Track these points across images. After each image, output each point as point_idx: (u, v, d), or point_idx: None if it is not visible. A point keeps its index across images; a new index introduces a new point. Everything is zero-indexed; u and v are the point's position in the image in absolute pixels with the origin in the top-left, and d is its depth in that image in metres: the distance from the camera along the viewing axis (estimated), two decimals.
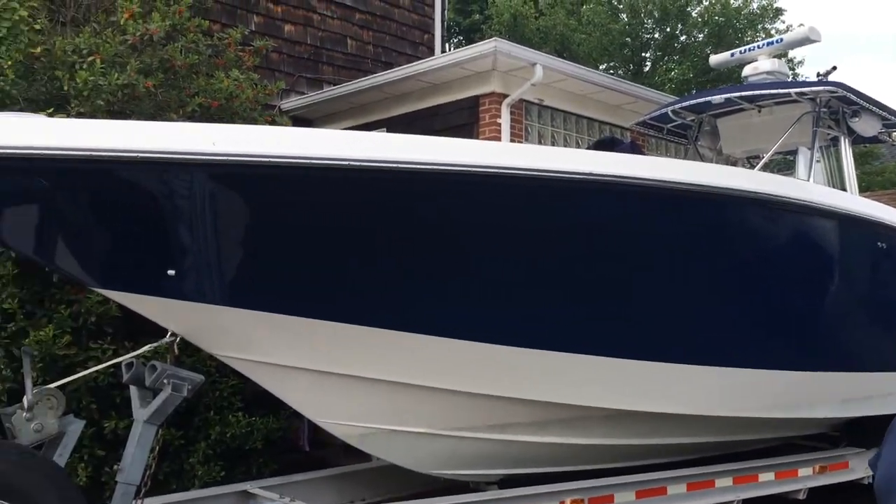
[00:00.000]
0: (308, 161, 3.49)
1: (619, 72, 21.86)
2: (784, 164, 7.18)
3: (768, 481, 5.56)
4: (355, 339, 3.98)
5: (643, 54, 22.70)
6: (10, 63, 5.25)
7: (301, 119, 9.33)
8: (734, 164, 7.32)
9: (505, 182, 3.82)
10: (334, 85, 9.38)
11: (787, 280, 5.05)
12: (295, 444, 6.57)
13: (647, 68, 22.45)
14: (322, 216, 3.70)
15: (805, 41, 7.00)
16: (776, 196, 4.80)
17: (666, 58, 22.41)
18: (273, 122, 6.90)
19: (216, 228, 3.64)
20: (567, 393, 4.49)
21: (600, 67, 20.81)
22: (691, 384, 4.77)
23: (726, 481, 5.31)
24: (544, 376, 4.35)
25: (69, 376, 4.41)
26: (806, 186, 5.49)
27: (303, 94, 9.51)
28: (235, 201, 3.62)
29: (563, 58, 11.37)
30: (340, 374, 4.12)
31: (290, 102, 9.29)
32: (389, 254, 3.85)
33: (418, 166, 3.64)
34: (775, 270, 5.01)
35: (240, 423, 5.66)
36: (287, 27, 9.70)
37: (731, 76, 18.16)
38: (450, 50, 11.34)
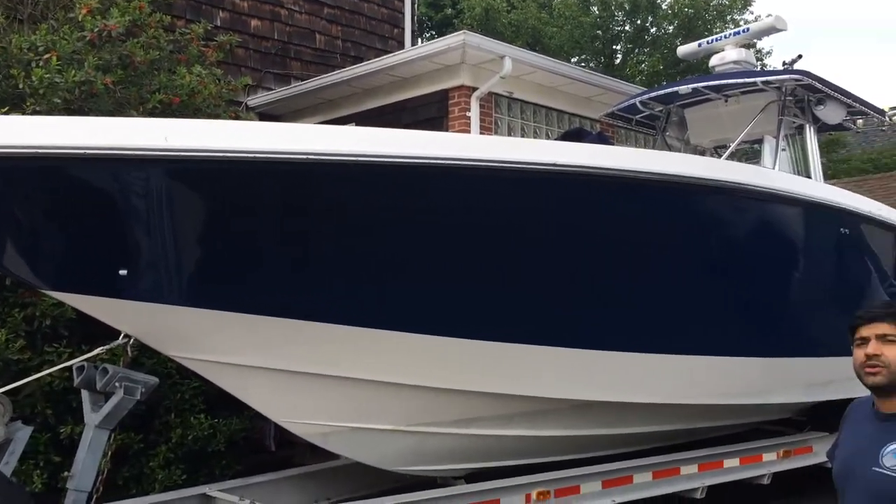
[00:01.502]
0: (255, 155, 3.43)
1: (591, 64, 21.84)
2: (751, 154, 7.20)
3: (733, 467, 5.59)
4: (314, 337, 3.92)
5: (614, 47, 22.70)
6: None
7: (268, 115, 9.21)
8: (702, 153, 7.33)
9: (465, 173, 3.77)
10: (302, 80, 9.28)
11: (751, 267, 5.05)
12: (260, 444, 6.49)
13: (618, 61, 22.45)
14: (274, 210, 3.63)
15: (771, 30, 7.03)
16: (740, 184, 4.80)
17: (637, 50, 22.45)
18: (238, 119, 6.81)
19: (169, 226, 3.56)
20: (531, 385, 4.46)
21: (572, 60, 20.78)
22: (655, 373, 4.76)
23: (692, 468, 5.33)
24: (507, 369, 4.31)
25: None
26: (769, 174, 5.50)
27: (270, 90, 9.39)
28: (189, 197, 3.55)
29: (535, 51, 11.32)
30: (300, 372, 4.06)
31: (257, 99, 9.18)
32: (344, 248, 3.78)
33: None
34: (739, 258, 5.01)
35: (202, 425, 5.60)
36: (254, 22, 9.57)
37: (700, 67, 18.20)
38: (421, 45, 11.27)
